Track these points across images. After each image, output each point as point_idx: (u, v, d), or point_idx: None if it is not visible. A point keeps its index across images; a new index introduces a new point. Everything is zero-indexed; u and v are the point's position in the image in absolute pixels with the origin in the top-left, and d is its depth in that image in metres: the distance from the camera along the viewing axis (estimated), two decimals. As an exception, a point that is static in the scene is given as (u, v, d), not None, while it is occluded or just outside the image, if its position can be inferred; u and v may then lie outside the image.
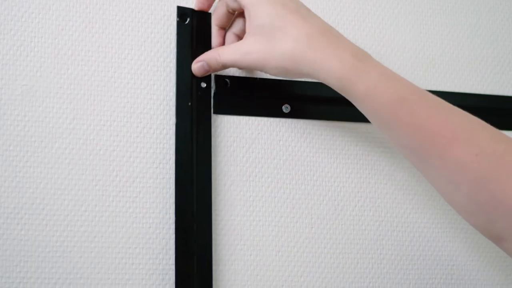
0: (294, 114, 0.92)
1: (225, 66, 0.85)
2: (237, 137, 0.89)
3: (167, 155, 0.86)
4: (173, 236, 0.84)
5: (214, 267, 0.85)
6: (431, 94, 0.76)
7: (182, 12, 0.88)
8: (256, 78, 0.91)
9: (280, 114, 0.92)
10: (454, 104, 0.75)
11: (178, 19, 0.88)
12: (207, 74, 0.86)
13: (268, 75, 0.88)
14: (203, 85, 0.87)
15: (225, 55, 0.84)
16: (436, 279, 0.92)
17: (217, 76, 0.90)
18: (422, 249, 0.93)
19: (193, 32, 0.88)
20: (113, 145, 0.85)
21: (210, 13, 0.90)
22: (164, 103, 0.88)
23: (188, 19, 0.88)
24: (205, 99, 0.87)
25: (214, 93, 0.89)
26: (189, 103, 0.86)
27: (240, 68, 0.89)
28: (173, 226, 0.84)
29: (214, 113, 0.89)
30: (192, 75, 0.87)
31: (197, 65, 0.86)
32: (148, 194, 0.85)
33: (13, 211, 0.80)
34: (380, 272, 0.91)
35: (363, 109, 0.77)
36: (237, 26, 0.89)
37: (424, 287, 0.92)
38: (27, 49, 0.84)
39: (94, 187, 0.83)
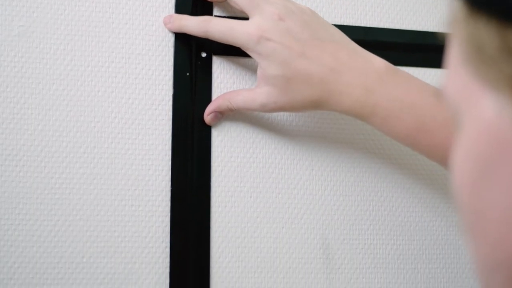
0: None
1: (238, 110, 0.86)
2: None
3: (166, 97, 0.85)
4: (170, 177, 0.83)
5: (212, 209, 0.85)
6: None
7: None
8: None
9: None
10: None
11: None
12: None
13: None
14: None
15: (238, 104, 0.84)
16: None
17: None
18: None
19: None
20: (111, 86, 0.84)
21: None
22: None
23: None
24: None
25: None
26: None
27: None
28: (170, 171, 0.84)
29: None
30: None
31: (210, 117, 0.86)
32: (146, 136, 0.84)
33: (11, 153, 0.80)
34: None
35: (382, 132, 0.82)
36: None
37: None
38: (23, -11, 0.83)
39: (92, 129, 0.83)
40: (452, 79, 0.42)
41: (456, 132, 0.41)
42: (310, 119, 0.90)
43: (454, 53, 0.41)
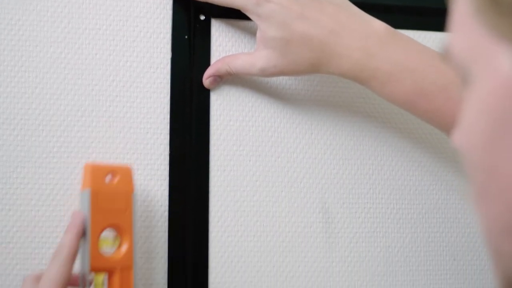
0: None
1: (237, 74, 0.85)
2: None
3: (164, 60, 0.85)
4: (168, 140, 0.83)
5: (211, 173, 0.85)
6: (449, 74, 0.76)
7: None
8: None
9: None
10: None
11: None
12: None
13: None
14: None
15: (237, 68, 0.83)
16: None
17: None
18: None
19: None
20: (109, 49, 0.83)
21: None
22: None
23: None
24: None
25: None
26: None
27: None
28: (168, 135, 0.83)
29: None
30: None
31: (209, 80, 0.85)
32: (145, 99, 0.84)
33: (8, 116, 0.79)
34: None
35: (381, 96, 0.81)
36: None
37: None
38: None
39: (90, 92, 0.82)
40: (460, 35, 0.40)
41: (464, 91, 0.40)
42: (309, 83, 0.89)
43: (462, 7, 0.40)
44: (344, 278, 0.88)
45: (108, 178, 0.77)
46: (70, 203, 0.80)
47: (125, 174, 0.78)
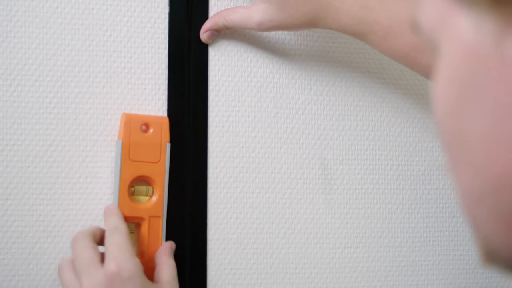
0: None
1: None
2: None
3: (161, 15, 0.84)
4: (166, 96, 0.83)
5: (210, 129, 0.84)
6: None
7: None
8: None
9: None
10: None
11: None
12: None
13: None
14: None
15: (234, 21, 0.82)
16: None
17: None
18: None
19: None
20: (106, 3, 0.82)
21: None
22: None
23: None
24: None
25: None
26: None
27: None
28: (166, 90, 0.83)
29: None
30: None
31: (206, 34, 0.84)
32: (142, 54, 0.83)
33: (5, 72, 0.79)
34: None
35: (380, 51, 0.81)
36: None
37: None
38: None
39: (87, 48, 0.81)
40: (426, 6, 0.40)
41: (435, 60, 0.40)
42: (308, 38, 0.89)
43: None
44: (343, 234, 0.88)
45: (143, 129, 0.79)
46: (67, 159, 0.79)
47: (161, 125, 0.80)
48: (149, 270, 0.74)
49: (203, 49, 0.84)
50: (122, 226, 0.75)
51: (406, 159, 0.91)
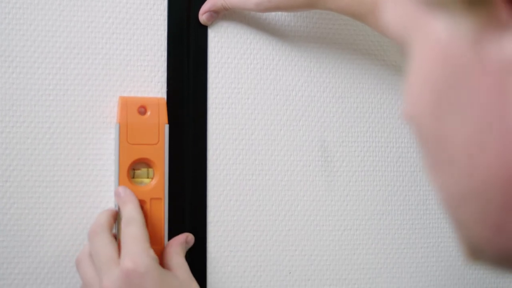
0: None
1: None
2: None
3: (161, -4, 0.84)
4: (166, 78, 0.82)
5: (209, 111, 0.84)
6: None
7: None
8: None
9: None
10: None
11: None
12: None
13: None
14: None
15: (232, 2, 0.82)
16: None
17: None
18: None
19: None
20: (104, -15, 0.82)
21: None
22: None
23: None
24: None
25: None
26: None
27: None
28: (166, 72, 0.82)
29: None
30: None
31: (205, 16, 0.84)
32: (141, 36, 0.83)
33: (3, 54, 0.78)
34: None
35: (380, 32, 0.80)
36: None
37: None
38: None
39: (86, 29, 0.81)
40: (394, 11, 0.39)
41: (406, 64, 0.39)
42: (308, 20, 0.88)
43: None
44: (343, 217, 0.87)
45: (140, 111, 0.79)
46: (66, 141, 0.79)
47: (158, 106, 0.80)
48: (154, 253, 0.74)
49: (203, 30, 0.84)
50: (138, 216, 0.75)
51: (406, 141, 0.90)
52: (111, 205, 0.80)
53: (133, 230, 0.73)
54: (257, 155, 0.85)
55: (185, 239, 0.80)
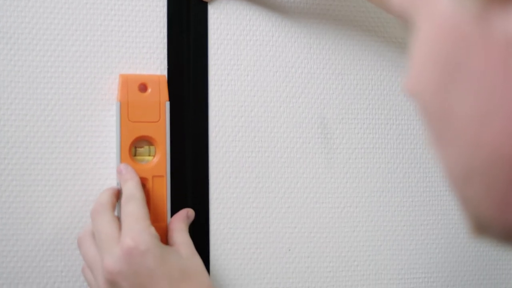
0: None
1: None
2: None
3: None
4: (165, 55, 0.82)
5: (210, 87, 0.83)
6: None
7: None
8: None
9: None
10: None
11: None
12: None
13: None
14: None
15: None
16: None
17: None
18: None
19: None
20: (103, -39, 0.81)
21: None
22: None
23: None
24: None
25: None
26: None
27: None
28: (166, 49, 0.82)
29: None
30: None
31: None
32: (140, 12, 0.82)
33: (1, 31, 0.78)
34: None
35: (381, 8, 0.79)
36: None
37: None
38: None
39: (84, 6, 0.80)
40: None
41: (410, 39, 0.39)
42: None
43: None
44: (343, 194, 0.87)
45: (141, 89, 0.79)
46: (65, 118, 0.79)
47: (158, 83, 0.80)
48: (157, 230, 0.74)
49: (202, 7, 0.83)
50: (139, 194, 0.75)
51: (406, 118, 0.90)
52: (113, 183, 0.80)
53: (133, 208, 0.73)
54: (256, 132, 0.85)
55: (186, 214, 0.79)
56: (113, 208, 0.75)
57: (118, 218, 0.75)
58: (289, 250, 0.85)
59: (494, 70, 0.34)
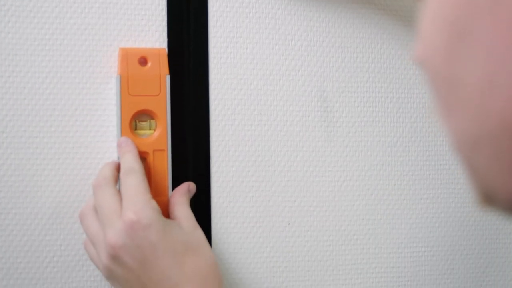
0: None
1: None
2: None
3: None
4: (165, 27, 0.81)
5: (210, 60, 0.83)
6: None
7: None
8: None
9: None
10: None
11: None
12: None
13: None
14: None
15: None
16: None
17: None
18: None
19: None
20: None
21: None
22: None
23: None
24: None
25: None
26: None
27: None
28: (165, 21, 0.81)
29: None
30: None
31: None
32: (139, -16, 0.82)
33: (1, 8, 0.77)
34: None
35: None
36: None
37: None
38: None
39: (82, -22, 0.80)
40: None
41: (420, 4, 0.39)
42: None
43: None
44: (343, 168, 0.87)
45: (141, 62, 0.79)
46: (66, 98, 0.79)
47: (159, 57, 0.79)
48: (159, 204, 0.74)
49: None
50: (137, 166, 0.75)
51: (406, 92, 0.90)
52: (113, 156, 0.79)
53: (133, 181, 0.73)
54: (256, 105, 0.84)
55: (188, 187, 0.79)
56: (115, 182, 0.75)
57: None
58: (289, 224, 0.85)
59: (503, 36, 0.33)
